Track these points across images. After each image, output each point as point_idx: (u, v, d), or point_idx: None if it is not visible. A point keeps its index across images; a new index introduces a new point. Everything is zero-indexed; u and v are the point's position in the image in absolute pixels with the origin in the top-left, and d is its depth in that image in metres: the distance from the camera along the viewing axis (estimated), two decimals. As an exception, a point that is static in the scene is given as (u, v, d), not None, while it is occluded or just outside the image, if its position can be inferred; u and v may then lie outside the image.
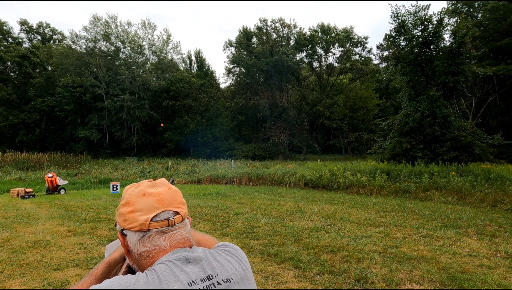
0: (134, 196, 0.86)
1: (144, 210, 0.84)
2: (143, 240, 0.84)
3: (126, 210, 0.86)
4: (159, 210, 0.85)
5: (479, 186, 10.75)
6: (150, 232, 0.84)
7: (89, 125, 33.30)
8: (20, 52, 34.89)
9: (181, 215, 0.88)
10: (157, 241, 0.84)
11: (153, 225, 0.83)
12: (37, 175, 20.82)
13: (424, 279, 4.07)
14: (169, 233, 0.85)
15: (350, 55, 37.42)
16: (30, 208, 9.81)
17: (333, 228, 6.68)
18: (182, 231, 0.88)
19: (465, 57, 16.78)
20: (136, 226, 0.83)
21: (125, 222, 0.85)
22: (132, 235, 0.85)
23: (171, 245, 0.84)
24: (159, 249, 0.83)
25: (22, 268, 4.60)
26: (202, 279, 0.78)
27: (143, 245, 0.83)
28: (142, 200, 0.85)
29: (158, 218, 0.84)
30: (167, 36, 39.21)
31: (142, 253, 0.84)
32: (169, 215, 0.86)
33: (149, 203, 0.85)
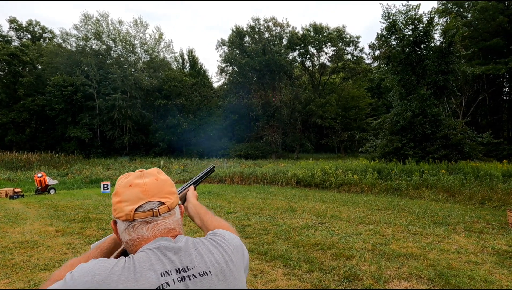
0: (122, 186, 0.90)
1: (129, 200, 0.87)
2: (128, 229, 0.88)
3: (115, 200, 0.90)
4: (144, 201, 0.88)
5: (468, 184, 10.88)
6: (135, 222, 0.87)
7: (80, 125, 32.96)
8: (9, 50, 34.34)
9: (167, 205, 0.90)
10: (141, 231, 0.87)
11: (137, 215, 0.87)
12: (26, 175, 20.53)
13: (412, 275, 4.10)
14: (153, 223, 0.88)
15: (343, 55, 37.61)
16: (18, 208, 9.67)
17: (323, 226, 6.70)
18: (167, 221, 0.90)
19: (454, 57, 17.00)
20: (122, 216, 0.87)
21: (114, 211, 0.90)
22: (120, 224, 0.89)
23: (154, 234, 0.87)
24: (142, 238, 0.87)
25: (8, 268, 4.53)
26: (178, 269, 0.80)
27: (128, 234, 0.87)
28: (129, 191, 0.88)
29: (142, 209, 0.87)
30: (159, 35, 39.01)
31: (128, 241, 0.88)
32: (154, 205, 0.88)
33: (135, 194, 0.88)
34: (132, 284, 0.74)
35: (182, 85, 35.76)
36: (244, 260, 0.95)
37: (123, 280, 0.74)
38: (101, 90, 33.55)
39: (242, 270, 0.92)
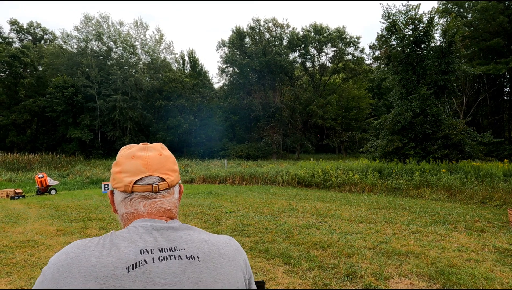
0: (124, 157, 0.87)
1: (130, 172, 0.84)
2: (125, 201, 0.85)
3: (115, 170, 0.87)
4: (144, 174, 0.84)
5: (469, 183, 10.87)
6: (133, 195, 0.84)
7: (81, 126, 33.01)
8: (10, 52, 34.45)
9: (167, 182, 0.86)
10: (137, 205, 0.84)
11: (136, 188, 0.83)
12: (27, 176, 20.56)
13: (413, 273, 4.10)
14: (151, 199, 0.84)
15: (343, 55, 37.60)
16: (19, 209, 9.68)
17: (324, 225, 6.70)
18: (165, 200, 0.86)
19: (455, 56, 17.00)
20: (121, 186, 0.84)
21: (113, 181, 0.87)
22: (118, 194, 0.86)
23: (149, 212, 0.84)
24: (136, 213, 0.83)
25: (9, 267, 4.54)
26: (161, 249, 0.76)
27: (125, 207, 0.85)
28: (130, 162, 0.85)
29: (142, 182, 0.84)
30: (159, 36, 39.09)
31: (123, 215, 0.85)
32: (154, 180, 0.85)
33: (136, 166, 0.85)
34: (104, 259, 0.71)
35: (182, 86, 35.80)
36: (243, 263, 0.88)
37: (96, 255, 0.71)
38: (102, 91, 33.60)
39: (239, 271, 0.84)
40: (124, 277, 0.69)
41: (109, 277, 0.68)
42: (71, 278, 0.68)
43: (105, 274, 0.68)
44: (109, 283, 0.67)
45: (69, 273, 0.69)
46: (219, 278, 0.77)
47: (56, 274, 0.70)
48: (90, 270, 0.69)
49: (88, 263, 0.70)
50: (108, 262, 0.70)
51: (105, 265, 0.70)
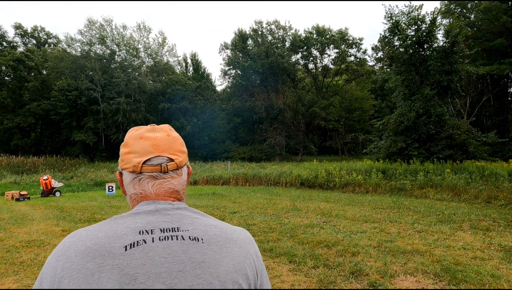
0: (132, 138, 0.87)
1: (138, 152, 0.84)
2: (134, 182, 0.84)
3: (124, 151, 0.87)
4: (153, 155, 0.84)
5: (474, 183, 10.82)
6: (142, 175, 0.83)
7: (84, 128, 33.16)
8: (14, 56, 34.73)
9: (176, 162, 0.86)
10: (146, 186, 0.83)
11: (145, 168, 0.83)
12: (32, 179, 20.68)
13: (418, 271, 4.09)
14: (160, 180, 0.84)
15: (345, 56, 37.59)
16: (24, 210, 9.75)
17: (328, 225, 6.69)
18: (173, 181, 0.86)
19: (458, 56, 16.96)
20: (130, 167, 0.83)
21: (122, 162, 0.86)
22: (126, 175, 0.85)
23: (157, 192, 0.83)
24: (144, 194, 0.83)
25: (16, 266, 4.57)
26: (162, 229, 0.75)
27: (133, 188, 0.84)
28: (138, 143, 0.85)
29: (150, 162, 0.83)
30: (162, 39, 39.24)
31: (131, 195, 0.84)
32: (163, 160, 0.84)
33: (144, 147, 0.84)
34: (101, 240, 0.70)
35: (185, 89, 35.91)
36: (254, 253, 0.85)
37: (92, 237, 0.71)
38: (105, 94, 33.77)
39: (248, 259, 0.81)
40: (121, 255, 0.68)
41: (107, 256, 0.68)
42: (68, 263, 0.68)
43: (103, 254, 0.68)
44: (107, 262, 0.67)
45: (66, 259, 0.69)
46: (223, 262, 0.74)
47: (54, 262, 0.70)
48: (87, 252, 0.68)
49: (85, 246, 0.69)
50: (105, 242, 0.70)
51: (102, 246, 0.69)
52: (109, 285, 0.64)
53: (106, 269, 0.66)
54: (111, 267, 0.66)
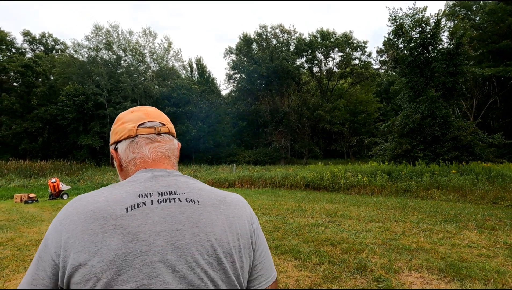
0: (123, 114, 0.95)
1: (132, 120, 0.91)
2: (131, 145, 0.89)
3: (117, 124, 0.94)
4: (146, 120, 0.92)
5: (480, 184, 10.76)
6: (138, 137, 0.89)
7: (91, 133, 33.50)
8: (23, 62, 35.31)
9: (167, 127, 0.94)
10: (142, 149, 0.88)
11: (140, 130, 0.89)
12: (40, 182, 20.93)
13: (423, 267, 4.12)
14: (155, 143, 0.90)
15: (350, 60, 37.64)
16: (33, 212, 9.90)
17: (333, 224, 6.72)
18: (166, 145, 0.92)
19: (463, 58, 16.92)
20: (125, 133, 0.89)
21: (117, 135, 0.92)
22: (122, 144, 0.90)
23: (153, 157, 0.88)
24: (143, 159, 0.88)
25: (27, 263, 4.67)
26: (160, 192, 0.79)
27: (132, 152, 0.88)
28: (131, 114, 0.93)
29: (144, 125, 0.90)
30: (168, 44, 39.67)
31: (130, 161, 0.88)
32: (156, 124, 0.92)
33: (137, 115, 0.92)
34: (102, 204, 0.74)
35: (191, 93, 36.18)
36: (249, 213, 0.89)
37: (93, 202, 0.75)
38: (111, 98, 34.14)
39: (243, 219, 0.85)
40: (123, 216, 0.72)
41: (109, 217, 0.71)
42: (72, 225, 0.71)
43: (104, 216, 0.71)
44: (110, 223, 0.70)
45: (70, 222, 0.72)
46: (218, 222, 0.79)
47: (59, 226, 0.73)
48: (90, 215, 0.72)
49: (87, 209, 0.73)
50: (107, 205, 0.73)
51: (103, 209, 0.73)
52: (113, 243, 0.68)
53: (109, 229, 0.70)
54: (113, 227, 0.70)
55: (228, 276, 0.76)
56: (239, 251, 0.79)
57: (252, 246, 0.84)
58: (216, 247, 0.75)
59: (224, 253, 0.76)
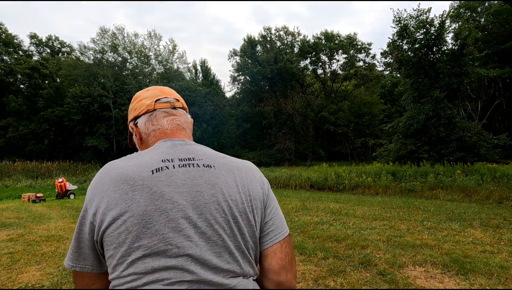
0: (141, 92, 1.08)
1: (149, 97, 1.03)
2: (150, 118, 1.00)
3: (135, 102, 1.05)
4: (162, 96, 1.04)
5: (485, 184, 10.75)
6: (156, 112, 1.01)
7: (96, 134, 33.76)
8: (30, 64, 35.72)
9: (181, 102, 1.06)
10: (161, 120, 1.00)
11: (157, 105, 1.01)
12: (46, 183, 21.15)
13: (427, 262, 4.17)
14: (171, 116, 1.01)
15: (354, 61, 37.61)
16: (41, 210, 10.04)
17: (338, 222, 6.78)
18: (181, 118, 1.04)
19: (468, 59, 16.90)
20: (143, 109, 1.01)
21: (135, 111, 1.04)
22: (141, 119, 1.02)
23: (171, 128, 0.99)
24: (162, 129, 0.99)
25: (38, 257, 4.78)
26: (180, 158, 0.88)
27: (151, 124, 1.00)
28: (147, 92, 1.06)
29: (161, 100, 1.02)
30: (172, 46, 39.92)
31: (150, 133, 1.00)
32: (170, 99, 1.04)
33: (153, 93, 1.05)
34: (130, 167, 0.83)
35: (195, 95, 36.36)
36: (259, 178, 0.97)
37: (122, 166, 0.84)
38: (117, 100, 34.40)
39: (255, 182, 0.93)
40: (149, 177, 0.81)
41: (137, 178, 0.80)
42: (105, 187, 0.81)
43: (133, 177, 0.80)
44: (138, 183, 0.79)
45: (102, 184, 0.82)
46: (233, 184, 0.87)
47: (93, 189, 0.83)
48: (119, 177, 0.81)
49: (117, 173, 0.82)
50: (134, 169, 0.82)
51: (132, 171, 0.82)
52: (141, 200, 0.78)
53: (138, 188, 0.79)
54: (141, 187, 0.79)
55: (242, 233, 0.85)
56: (251, 211, 0.88)
57: (263, 206, 0.93)
58: (231, 206, 0.84)
59: (239, 212, 0.85)
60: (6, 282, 3.81)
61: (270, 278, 0.91)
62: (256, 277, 0.90)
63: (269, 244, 0.92)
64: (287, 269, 0.92)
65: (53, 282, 3.80)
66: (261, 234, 0.92)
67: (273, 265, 0.91)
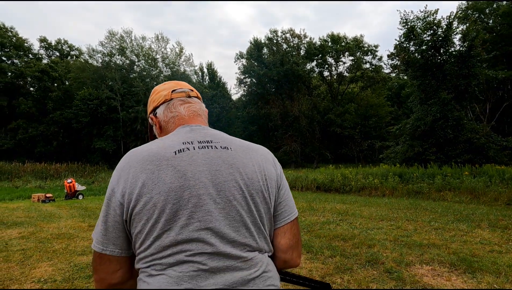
0: (158, 86, 1.18)
1: (165, 89, 1.13)
2: (168, 107, 1.09)
3: (153, 95, 1.15)
4: (177, 87, 1.13)
5: (494, 186, 10.65)
6: (173, 100, 1.09)
7: (104, 136, 34.10)
8: (40, 67, 36.30)
9: (195, 92, 1.16)
10: (178, 108, 1.08)
11: (174, 95, 1.10)
12: (55, 184, 21.44)
13: (434, 261, 4.17)
14: (187, 103, 1.10)
15: (361, 64, 37.51)
16: (51, 210, 10.20)
17: (344, 222, 6.79)
18: (196, 105, 1.12)
19: (476, 60, 16.78)
20: (162, 99, 1.10)
21: (154, 102, 1.12)
22: (160, 109, 1.10)
23: (188, 114, 1.07)
24: (180, 116, 1.07)
25: (50, 254, 4.88)
26: (200, 141, 0.95)
27: (170, 111, 1.08)
28: (164, 85, 1.15)
29: (177, 91, 1.11)
30: (179, 49, 40.23)
31: (169, 120, 1.08)
32: (185, 89, 1.13)
33: (169, 85, 1.14)
34: (155, 149, 0.89)
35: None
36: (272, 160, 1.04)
37: (147, 149, 0.91)
38: (124, 102, 34.75)
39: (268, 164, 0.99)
40: (173, 158, 0.87)
41: (161, 159, 0.87)
42: (133, 168, 0.86)
43: (158, 158, 0.87)
44: (163, 163, 0.86)
45: (129, 167, 0.87)
46: (249, 164, 0.93)
47: (120, 172, 0.88)
48: (145, 158, 0.87)
49: (142, 155, 0.89)
50: (158, 151, 0.89)
51: (157, 152, 0.89)
52: (167, 178, 0.84)
53: (163, 167, 0.86)
54: (166, 166, 0.86)
55: (258, 209, 0.92)
56: (266, 189, 0.94)
57: (277, 186, 0.99)
58: (248, 184, 0.91)
59: (255, 189, 0.92)
60: (19, 277, 3.90)
61: (277, 256, 0.98)
62: (270, 253, 0.96)
63: (281, 224, 0.98)
64: (293, 248, 0.99)
65: (65, 277, 3.89)
66: (274, 214, 0.98)
67: (282, 244, 0.98)
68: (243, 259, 0.86)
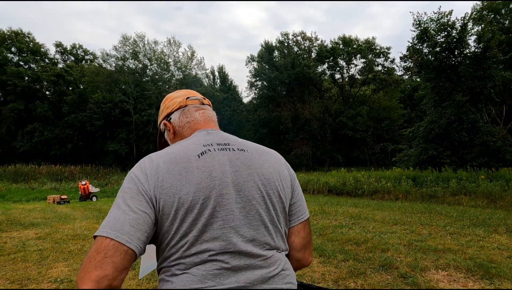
0: (171, 93, 1.22)
1: (179, 96, 1.17)
2: (183, 113, 1.13)
3: (167, 101, 1.18)
4: (191, 95, 1.18)
5: (511, 190, 10.41)
6: (188, 106, 1.14)
7: (117, 139, 34.59)
8: (55, 71, 37.11)
9: (207, 100, 1.21)
10: (193, 114, 1.13)
11: (188, 101, 1.15)
12: (70, 185, 21.83)
13: (450, 266, 4.10)
14: (201, 110, 1.14)
15: (373, 66, 37.18)
16: (66, 211, 10.39)
17: (357, 226, 6.72)
18: (209, 112, 1.17)
19: (491, 62, 16.43)
20: (176, 105, 1.14)
21: (168, 109, 1.16)
22: (175, 114, 1.14)
23: (204, 119, 1.12)
24: (196, 121, 1.11)
25: (65, 254, 4.97)
26: (219, 143, 0.99)
27: (185, 116, 1.12)
28: (178, 93, 1.21)
29: (190, 98, 1.16)
30: (191, 52, 40.62)
31: (185, 125, 1.11)
32: (199, 97, 1.19)
33: (183, 93, 1.19)
34: (179, 152, 0.92)
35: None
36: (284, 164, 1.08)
37: (170, 152, 0.93)
38: (137, 106, 35.22)
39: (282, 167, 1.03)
40: (197, 160, 0.91)
41: (187, 161, 0.90)
42: (159, 169, 0.88)
43: (184, 160, 0.90)
44: (188, 165, 0.89)
45: (156, 167, 0.88)
46: (265, 165, 0.98)
47: (148, 172, 0.88)
48: (171, 161, 0.90)
49: (168, 157, 0.91)
50: (182, 154, 0.92)
51: (181, 155, 0.91)
52: (194, 179, 0.87)
53: (190, 169, 0.88)
54: (192, 168, 0.89)
55: (275, 208, 0.95)
56: (282, 189, 0.99)
57: (291, 187, 1.04)
58: (266, 184, 0.95)
59: (272, 189, 0.95)
60: (36, 277, 3.99)
61: (291, 255, 1.02)
62: (287, 252, 0.99)
63: (296, 223, 1.03)
64: (306, 247, 1.03)
65: (80, 277, 3.94)
66: (288, 213, 1.02)
67: (296, 243, 1.02)
68: (262, 258, 0.89)
